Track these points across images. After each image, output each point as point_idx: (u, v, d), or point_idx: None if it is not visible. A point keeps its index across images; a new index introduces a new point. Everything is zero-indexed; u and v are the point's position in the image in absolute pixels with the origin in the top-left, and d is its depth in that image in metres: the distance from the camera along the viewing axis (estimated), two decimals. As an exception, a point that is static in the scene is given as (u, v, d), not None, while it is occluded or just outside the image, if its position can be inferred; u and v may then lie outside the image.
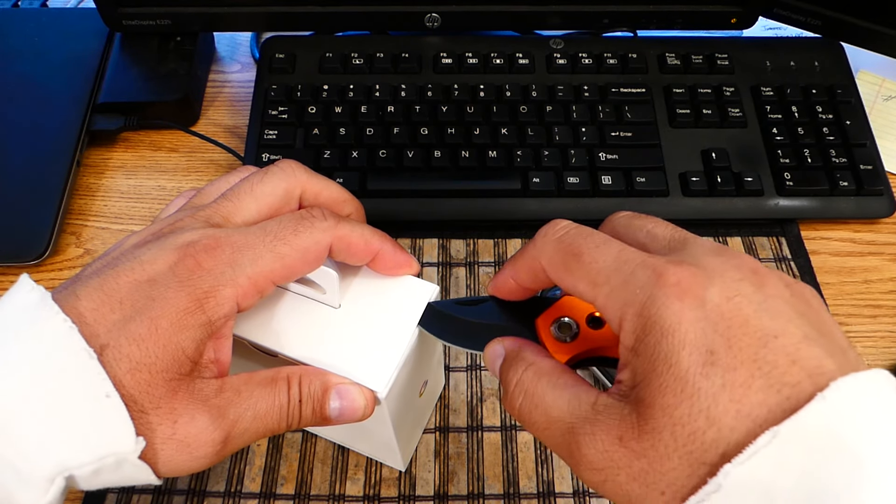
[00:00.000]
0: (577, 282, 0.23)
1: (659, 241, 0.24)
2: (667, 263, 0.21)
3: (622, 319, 0.21)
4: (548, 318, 0.27)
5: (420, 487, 0.38)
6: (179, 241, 0.25)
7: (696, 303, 0.20)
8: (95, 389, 0.22)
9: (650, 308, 0.20)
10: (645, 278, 0.21)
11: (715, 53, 0.53)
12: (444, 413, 0.40)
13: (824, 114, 0.50)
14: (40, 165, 0.49)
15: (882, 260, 0.47)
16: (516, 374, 0.25)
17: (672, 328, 0.20)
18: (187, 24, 0.54)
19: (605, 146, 0.49)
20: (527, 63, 0.53)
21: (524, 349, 0.26)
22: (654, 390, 0.20)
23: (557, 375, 0.24)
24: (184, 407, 0.24)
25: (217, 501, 0.38)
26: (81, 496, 0.38)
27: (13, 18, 0.58)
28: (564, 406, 0.23)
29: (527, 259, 0.26)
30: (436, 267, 0.46)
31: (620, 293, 0.21)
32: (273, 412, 0.26)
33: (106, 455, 0.22)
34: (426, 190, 0.48)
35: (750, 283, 0.21)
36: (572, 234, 0.24)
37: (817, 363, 0.19)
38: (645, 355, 0.20)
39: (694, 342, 0.20)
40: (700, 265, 0.21)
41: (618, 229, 0.25)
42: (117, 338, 0.23)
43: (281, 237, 0.26)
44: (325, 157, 0.48)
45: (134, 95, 0.53)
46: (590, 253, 0.23)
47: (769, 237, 0.48)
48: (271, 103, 0.51)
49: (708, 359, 0.19)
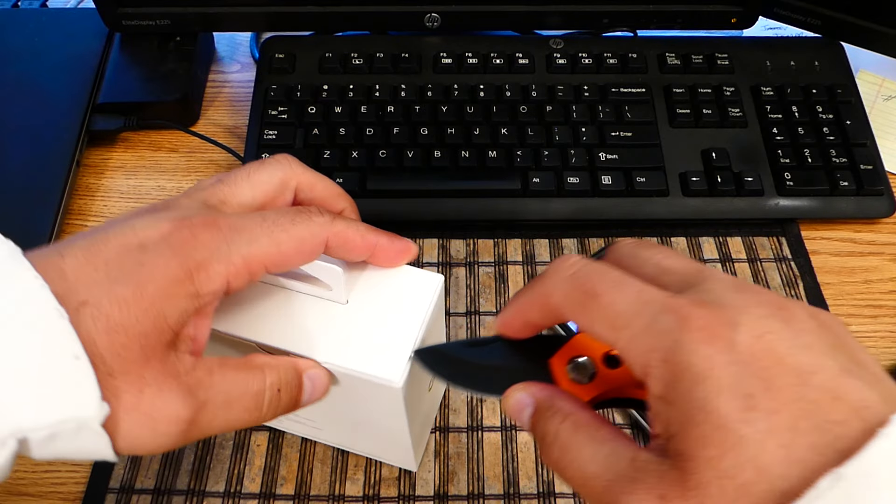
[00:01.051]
0: (594, 323, 0.22)
1: (672, 275, 0.22)
2: (690, 305, 0.20)
3: (647, 366, 0.20)
4: (562, 357, 0.26)
5: (420, 487, 0.38)
6: (176, 214, 0.25)
7: (726, 346, 0.19)
8: (63, 350, 0.21)
9: (678, 354, 0.19)
10: (669, 322, 0.20)
11: (715, 53, 0.53)
12: (444, 413, 0.40)
13: (824, 114, 0.50)
14: (40, 166, 0.49)
15: (882, 260, 0.47)
16: (553, 426, 0.23)
17: (704, 374, 0.19)
18: (187, 24, 0.54)
19: (605, 146, 0.49)
20: (527, 63, 0.53)
21: (556, 399, 0.24)
22: (694, 442, 0.19)
23: (595, 428, 0.22)
24: (153, 377, 0.23)
25: (217, 501, 0.38)
26: (81, 496, 0.38)
27: (13, 18, 0.58)
28: (602, 461, 0.21)
29: (537, 296, 0.24)
30: (436, 267, 0.46)
31: (643, 338, 0.20)
32: (246, 399, 0.25)
33: (65, 419, 0.21)
34: (426, 190, 0.48)
35: (777, 319, 0.20)
36: (586, 271, 0.23)
37: (860, 397, 0.18)
38: (678, 404, 0.19)
39: (730, 387, 0.18)
40: (723, 305, 0.20)
41: (624, 260, 0.24)
42: (98, 296, 0.22)
43: (279, 224, 0.26)
44: (325, 157, 0.48)
45: (134, 95, 0.53)
46: (608, 293, 0.22)
47: (769, 237, 0.48)
48: (271, 103, 0.51)
49: (747, 403, 0.18)
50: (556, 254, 0.47)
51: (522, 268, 0.46)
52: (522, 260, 0.47)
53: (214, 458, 0.39)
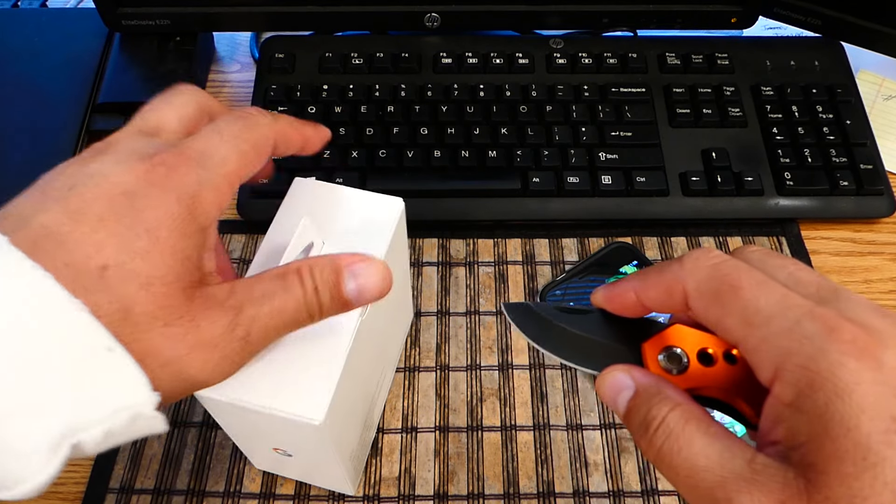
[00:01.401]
0: (727, 316, 0.21)
1: (805, 286, 0.22)
2: (839, 317, 0.19)
3: (779, 369, 0.20)
4: (656, 344, 0.25)
5: (420, 487, 0.38)
6: (136, 152, 0.24)
7: (873, 364, 0.19)
8: (93, 344, 0.21)
9: (820, 362, 0.19)
10: (814, 330, 0.19)
11: (715, 53, 0.53)
12: (444, 413, 0.40)
13: (824, 113, 0.50)
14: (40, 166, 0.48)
15: (882, 259, 0.47)
16: (660, 412, 0.22)
17: (848, 388, 0.18)
18: (187, 24, 0.54)
19: (605, 146, 0.49)
20: (527, 63, 0.53)
21: (664, 386, 0.23)
22: (829, 456, 0.18)
23: (707, 423, 0.22)
24: (202, 312, 0.23)
25: (217, 501, 0.38)
26: (81, 496, 0.38)
27: (13, 18, 0.58)
28: (715, 457, 0.21)
29: (667, 278, 0.23)
30: (436, 267, 0.46)
31: (781, 340, 0.20)
32: (290, 304, 0.25)
33: (118, 410, 0.21)
34: (426, 190, 0.48)
35: None
36: (731, 263, 0.22)
37: None
38: (813, 414, 0.19)
39: (874, 406, 0.18)
40: (869, 324, 0.19)
41: (753, 265, 0.23)
42: (116, 256, 0.22)
43: (236, 136, 0.26)
44: (324, 157, 0.48)
45: (133, 95, 0.53)
46: (751, 289, 0.21)
47: (769, 237, 0.48)
48: (271, 103, 0.51)
49: (892, 426, 0.18)
50: (556, 254, 0.47)
51: (522, 268, 0.46)
52: (522, 260, 0.47)
53: (214, 458, 0.39)
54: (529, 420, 0.40)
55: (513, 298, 0.45)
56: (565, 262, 0.47)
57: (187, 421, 0.40)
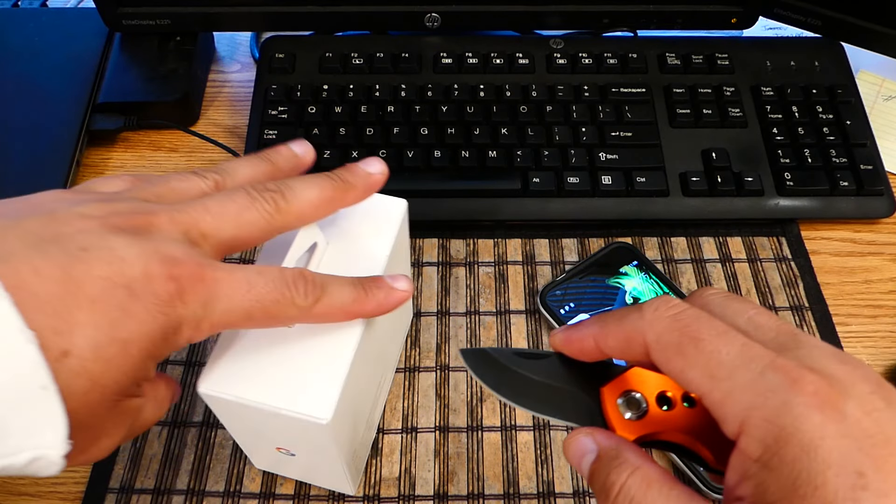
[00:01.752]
0: (689, 369, 0.21)
1: (764, 331, 0.22)
2: (800, 368, 0.19)
3: (745, 423, 0.19)
4: (615, 388, 0.25)
5: (420, 487, 0.38)
6: (163, 251, 0.23)
7: (836, 416, 0.18)
8: (28, 378, 0.20)
9: (785, 417, 0.19)
10: (777, 382, 0.19)
11: (715, 53, 0.53)
12: (444, 413, 0.40)
13: (824, 114, 0.50)
14: (40, 165, 0.49)
15: (882, 260, 0.47)
16: (619, 479, 0.22)
17: (814, 443, 0.18)
18: (187, 24, 0.54)
19: (605, 146, 0.49)
20: (527, 63, 0.53)
21: (624, 449, 0.23)
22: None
23: (669, 486, 0.21)
24: (113, 426, 0.24)
25: (217, 501, 0.38)
26: (81, 496, 0.38)
27: (13, 18, 0.58)
28: None
29: (626, 328, 0.23)
30: (436, 267, 0.46)
31: (745, 394, 0.20)
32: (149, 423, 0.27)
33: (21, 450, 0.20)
34: (426, 190, 0.48)
35: (880, 396, 0.19)
36: (690, 314, 0.22)
37: None
38: (780, 471, 0.18)
39: (840, 462, 0.18)
40: (830, 373, 0.19)
41: (713, 310, 0.23)
42: (83, 348, 0.21)
43: (261, 301, 0.25)
44: (325, 157, 0.48)
45: (134, 95, 0.53)
46: (711, 340, 0.21)
47: (769, 237, 0.48)
48: (271, 103, 0.51)
49: (858, 482, 0.18)
50: (556, 254, 0.47)
51: (522, 268, 0.46)
52: (522, 260, 0.47)
53: (214, 458, 0.39)
54: (529, 420, 0.40)
55: (513, 299, 0.45)
56: (565, 262, 0.47)
57: (187, 421, 0.40)
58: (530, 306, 0.45)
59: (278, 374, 0.28)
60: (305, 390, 0.27)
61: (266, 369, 0.28)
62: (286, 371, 0.28)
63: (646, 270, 0.45)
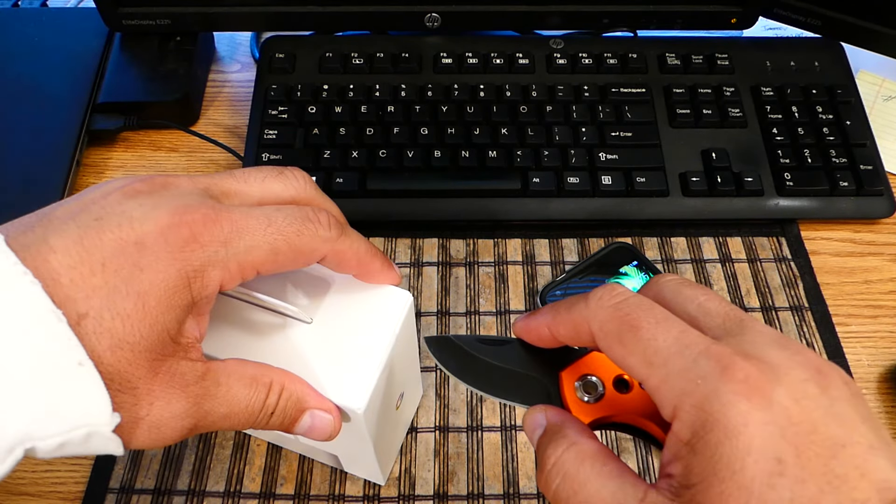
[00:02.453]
0: (629, 356, 0.22)
1: (712, 317, 0.22)
2: (733, 355, 0.20)
3: (677, 409, 0.20)
4: (573, 372, 0.26)
5: (420, 487, 0.38)
6: (176, 202, 0.24)
7: (763, 403, 0.19)
8: (65, 357, 0.21)
9: (713, 403, 0.19)
10: (708, 369, 0.20)
11: (715, 53, 0.53)
12: (444, 413, 0.40)
13: (824, 114, 0.50)
14: (40, 165, 0.49)
15: (882, 260, 0.47)
16: (555, 453, 0.23)
17: (737, 430, 0.19)
18: (187, 24, 0.54)
19: (605, 146, 0.49)
20: (527, 63, 0.53)
21: (566, 425, 0.24)
22: (714, 497, 0.18)
23: (602, 461, 0.22)
24: (162, 390, 0.23)
25: (217, 501, 0.38)
26: (81, 496, 0.38)
27: (13, 18, 0.58)
28: (608, 497, 0.21)
29: (574, 317, 0.24)
30: (436, 267, 0.46)
31: (679, 380, 0.20)
32: (244, 415, 0.26)
33: (76, 427, 0.21)
34: (426, 190, 0.48)
35: (815, 383, 0.20)
36: (632, 303, 0.23)
37: (884, 476, 0.18)
38: (704, 454, 0.19)
39: (761, 449, 0.18)
40: (765, 360, 0.20)
41: (665, 297, 0.24)
42: (99, 309, 0.21)
43: (283, 232, 0.25)
44: (325, 157, 0.48)
45: (134, 95, 0.53)
46: (649, 328, 0.21)
47: (769, 237, 0.48)
48: (271, 103, 0.51)
49: (776, 468, 0.18)
50: (556, 254, 0.47)
51: (522, 268, 0.46)
52: (522, 260, 0.47)
53: (214, 458, 0.39)
54: (529, 420, 0.40)
55: (513, 299, 0.45)
56: (565, 262, 0.47)
57: (187, 421, 0.40)
58: (530, 306, 0.45)
59: (314, 362, 0.28)
60: (341, 379, 0.28)
61: (301, 357, 0.28)
62: (322, 360, 0.28)
63: (646, 270, 0.45)
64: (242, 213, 0.25)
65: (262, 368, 0.27)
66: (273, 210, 0.25)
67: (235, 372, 0.26)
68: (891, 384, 0.41)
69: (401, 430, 0.39)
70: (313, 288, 0.30)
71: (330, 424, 0.27)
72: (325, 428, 0.27)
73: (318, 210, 0.27)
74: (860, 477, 0.18)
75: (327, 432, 0.28)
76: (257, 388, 0.26)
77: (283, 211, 0.26)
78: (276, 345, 0.29)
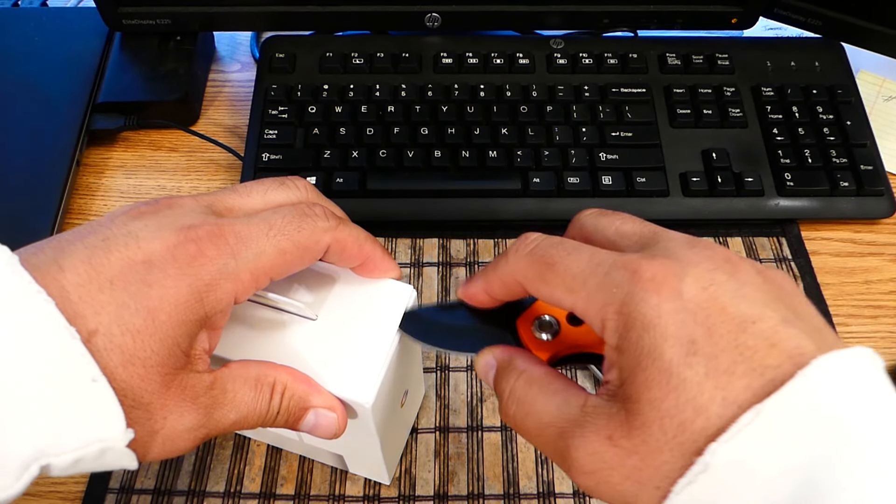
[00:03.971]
0: (554, 290, 0.23)
1: (629, 237, 0.24)
2: (640, 259, 0.21)
3: (604, 320, 0.22)
4: (528, 317, 0.27)
5: (420, 487, 0.38)
6: (180, 222, 0.24)
7: (672, 295, 0.20)
8: (79, 373, 0.21)
9: (629, 305, 0.21)
10: (620, 277, 0.21)
11: (715, 53, 0.53)
12: (444, 413, 0.40)
13: (825, 114, 0.50)
14: (40, 165, 0.49)
15: (882, 260, 0.47)
16: (508, 384, 0.25)
17: (653, 322, 0.20)
18: (187, 23, 0.54)
19: (606, 146, 0.49)
20: (527, 63, 0.53)
21: (515, 357, 0.26)
22: (640, 385, 0.20)
23: (549, 381, 0.24)
24: (175, 403, 0.23)
25: (217, 501, 0.38)
26: (81, 496, 0.38)
27: (13, 18, 0.58)
28: (554, 411, 0.23)
29: (500, 274, 0.26)
30: (436, 267, 0.46)
31: (598, 295, 0.22)
32: (251, 417, 0.26)
33: (91, 442, 0.21)
34: (426, 190, 0.48)
35: (723, 271, 0.21)
36: (543, 245, 0.24)
37: (796, 344, 0.19)
38: (629, 352, 0.21)
39: (675, 334, 0.20)
40: (673, 258, 0.21)
41: (586, 229, 0.26)
42: (108, 325, 0.22)
43: (285, 232, 0.25)
44: (325, 157, 0.48)
45: (134, 95, 0.53)
46: (563, 261, 0.23)
47: (769, 237, 0.48)
48: (271, 103, 0.51)
49: (690, 349, 0.20)
50: (557, 254, 0.47)
51: (522, 268, 0.46)
52: (522, 260, 0.47)
53: (215, 459, 0.39)
54: (529, 420, 0.40)
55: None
56: (565, 262, 0.47)
57: (187, 421, 0.40)
58: (530, 306, 0.45)
59: (320, 356, 0.28)
60: (349, 374, 0.28)
61: (307, 352, 0.28)
62: (328, 354, 0.28)
63: (646, 270, 0.45)
64: (244, 223, 0.25)
65: (264, 368, 0.27)
66: (270, 213, 0.26)
67: (240, 376, 0.26)
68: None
69: (405, 429, 0.39)
70: (317, 285, 0.30)
71: (334, 423, 0.28)
72: (328, 426, 0.28)
73: (312, 204, 0.27)
74: (770, 346, 0.19)
75: (332, 430, 0.28)
76: (261, 390, 0.26)
77: (279, 212, 0.26)
78: (282, 342, 0.29)
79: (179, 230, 0.24)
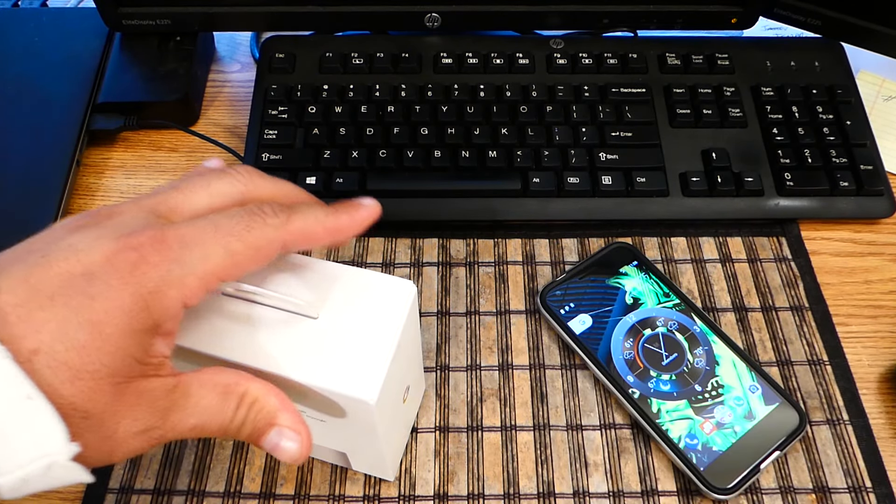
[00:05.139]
0: None
1: None
2: None
3: None
4: None
5: (420, 487, 0.38)
6: (120, 230, 0.23)
7: None
8: (13, 392, 0.20)
9: None
10: None
11: (715, 53, 0.53)
12: (444, 413, 0.40)
13: (824, 114, 0.50)
14: (40, 165, 0.49)
15: (882, 260, 0.47)
16: None
17: None
18: (187, 23, 0.54)
19: (606, 146, 0.49)
20: (527, 63, 0.53)
21: None
22: None
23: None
24: (128, 409, 0.23)
25: (217, 501, 0.38)
26: (81, 496, 0.38)
27: (13, 18, 0.58)
28: None
29: None
30: (436, 267, 0.46)
31: None
32: (212, 422, 0.25)
33: (34, 459, 0.20)
34: (426, 190, 0.48)
35: None
36: None
37: None
38: None
39: None
40: None
41: None
42: (51, 342, 0.21)
43: (234, 233, 0.24)
44: (325, 157, 0.48)
45: (134, 95, 0.53)
46: None
47: (769, 237, 0.48)
48: (271, 103, 0.51)
49: None
50: (557, 254, 0.47)
51: (522, 268, 0.46)
52: (522, 260, 0.47)
53: (214, 458, 0.39)
54: (529, 420, 0.40)
55: (513, 299, 0.45)
56: (565, 262, 0.47)
57: (187, 421, 0.40)
58: (530, 306, 0.45)
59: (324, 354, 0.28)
60: (352, 371, 0.28)
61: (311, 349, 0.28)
62: (331, 352, 0.28)
63: (646, 270, 0.45)
64: (189, 227, 0.24)
65: (237, 377, 0.26)
66: (217, 215, 0.25)
67: (209, 381, 0.25)
68: (891, 384, 0.41)
69: (407, 425, 0.39)
70: (318, 283, 0.30)
71: (294, 449, 0.26)
72: (288, 450, 0.26)
73: (261, 203, 0.26)
74: None
75: (291, 455, 0.26)
76: (228, 399, 0.25)
77: (226, 213, 0.25)
78: (283, 341, 0.29)
79: (119, 238, 0.23)
